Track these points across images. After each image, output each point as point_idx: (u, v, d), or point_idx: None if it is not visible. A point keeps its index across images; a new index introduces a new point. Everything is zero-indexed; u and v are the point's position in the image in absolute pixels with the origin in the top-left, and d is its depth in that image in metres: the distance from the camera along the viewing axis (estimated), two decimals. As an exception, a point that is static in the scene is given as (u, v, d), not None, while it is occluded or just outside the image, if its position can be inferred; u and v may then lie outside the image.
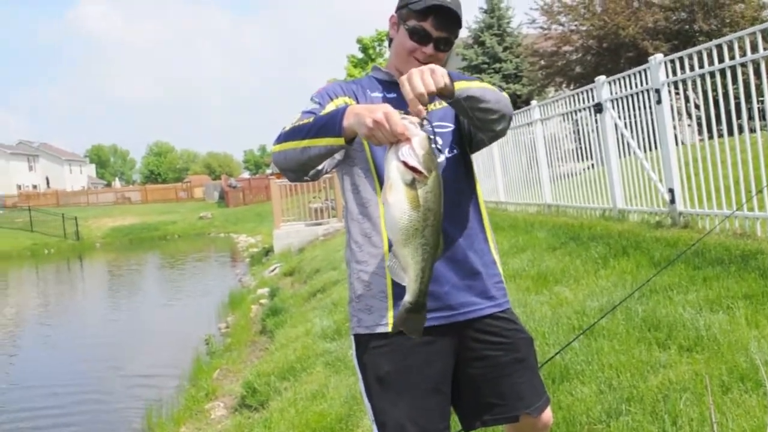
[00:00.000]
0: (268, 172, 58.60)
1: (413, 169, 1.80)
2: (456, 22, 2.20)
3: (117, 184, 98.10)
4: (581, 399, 3.56)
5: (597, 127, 8.71)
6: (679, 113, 7.45)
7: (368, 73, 2.45)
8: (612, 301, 4.82)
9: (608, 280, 5.49)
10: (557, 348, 4.25)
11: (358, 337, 2.20)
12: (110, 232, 46.56)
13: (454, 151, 2.24)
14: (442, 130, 2.21)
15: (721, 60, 6.03)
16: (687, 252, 5.21)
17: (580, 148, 9.51)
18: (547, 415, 2.25)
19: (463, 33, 2.28)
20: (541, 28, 21.34)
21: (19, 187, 69.45)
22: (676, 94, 7.17)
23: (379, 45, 34.11)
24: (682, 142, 7.12)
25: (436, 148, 1.99)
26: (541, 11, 20.39)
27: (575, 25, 19.94)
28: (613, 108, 8.16)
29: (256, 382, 6.60)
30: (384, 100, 2.20)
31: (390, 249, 2.01)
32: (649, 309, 4.45)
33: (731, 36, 5.92)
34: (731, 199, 5.99)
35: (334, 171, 2.28)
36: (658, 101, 6.98)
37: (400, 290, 2.05)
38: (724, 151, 6.23)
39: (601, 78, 8.42)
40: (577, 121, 9.73)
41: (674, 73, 6.77)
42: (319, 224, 18.98)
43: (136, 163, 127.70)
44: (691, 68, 6.48)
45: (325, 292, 9.98)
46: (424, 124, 1.85)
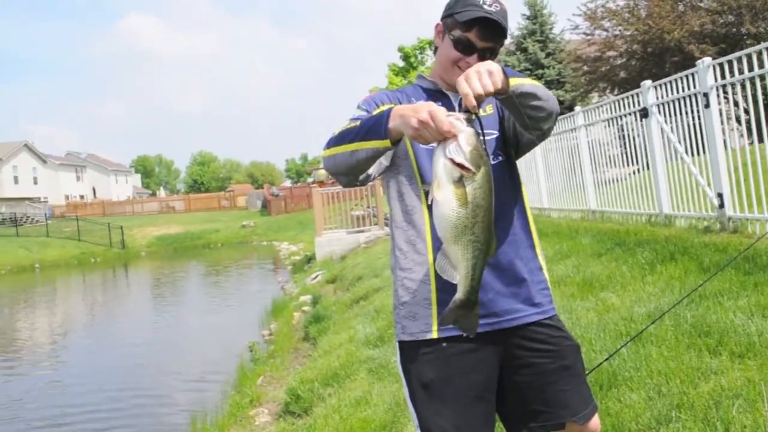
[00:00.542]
0: (310, 180, 58.96)
1: (460, 166, 1.79)
2: (501, 34, 2.19)
3: (161, 193, 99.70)
4: (630, 405, 3.50)
5: (642, 132, 8.59)
6: (728, 117, 7.31)
7: (412, 82, 2.45)
8: (660, 308, 4.74)
9: (656, 286, 5.40)
10: (604, 354, 4.19)
11: (403, 344, 2.20)
12: (155, 240, 47.36)
13: (499, 158, 2.23)
14: (487, 138, 2.20)
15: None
16: (738, 258, 5.10)
17: (625, 154, 9.38)
18: (595, 423, 2.21)
19: (506, 40, 2.26)
20: (585, 33, 21.16)
21: (67, 197, 70.89)
22: (725, 97, 7.03)
23: (421, 53, 34.10)
24: (731, 147, 6.99)
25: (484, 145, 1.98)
26: (585, 17, 20.22)
27: (619, 30, 19.71)
28: (659, 113, 8.04)
29: (300, 389, 6.61)
30: None
31: (435, 256, 2.03)
32: (698, 315, 4.36)
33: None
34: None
35: (381, 177, 2.29)
36: (707, 105, 6.85)
37: (444, 297, 2.07)
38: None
39: (647, 83, 8.29)
40: (622, 126, 9.62)
41: (723, 77, 6.65)
42: (361, 232, 19.00)
43: (181, 173, 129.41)
44: (740, 71, 6.36)
45: (368, 299, 9.98)
46: (471, 120, 1.84)
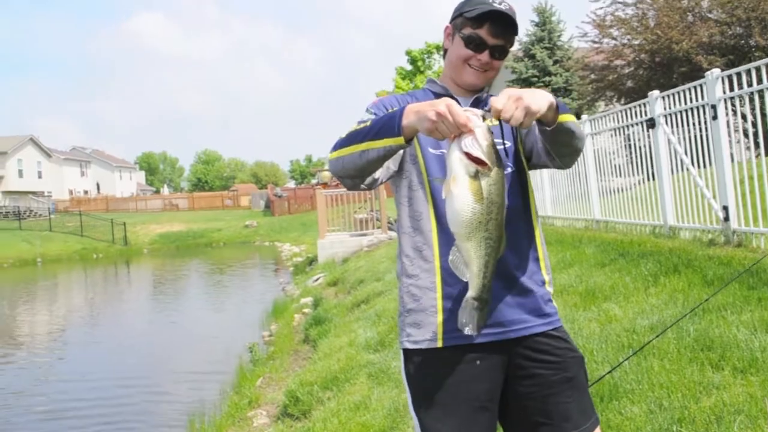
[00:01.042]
0: (314, 182, 58.96)
1: (477, 161, 1.78)
2: (512, 30, 2.17)
3: (165, 191, 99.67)
4: (631, 418, 3.48)
5: (649, 143, 8.56)
6: (735, 129, 7.28)
7: (419, 86, 2.43)
8: (663, 320, 4.71)
9: (659, 298, 5.37)
10: (605, 365, 4.18)
11: (407, 352, 2.18)
12: (157, 238, 47.37)
13: (509, 169, 2.19)
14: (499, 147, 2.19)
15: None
16: (742, 271, 5.07)
17: (631, 163, 9.36)
18: None
19: (514, 46, 2.26)
20: (593, 41, 21.11)
21: (71, 192, 71.03)
22: (732, 109, 7.00)
23: (428, 57, 34.16)
24: (737, 160, 6.96)
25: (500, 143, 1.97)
26: (593, 24, 20.17)
27: (628, 39, 19.65)
28: (667, 123, 8.02)
29: (299, 391, 6.59)
30: None
31: (442, 263, 2.05)
32: (701, 328, 4.34)
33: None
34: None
35: (388, 182, 2.27)
36: (714, 117, 6.83)
37: (450, 305, 2.06)
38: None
39: (655, 93, 8.28)
40: (628, 136, 9.59)
41: (731, 89, 6.63)
42: (364, 235, 18.98)
43: (185, 171, 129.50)
44: (749, 84, 6.34)
45: (369, 303, 9.95)
46: (486, 117, 1.83)
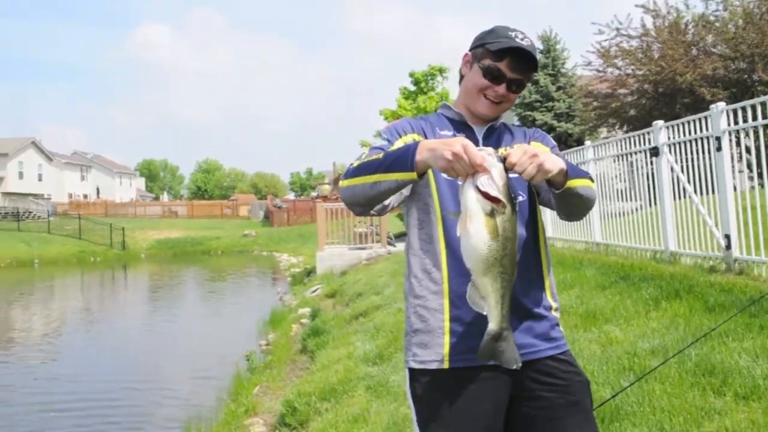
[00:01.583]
0: (314, 194, 58.98)
1: (493, 199, 1.84)
2: (531, 66, 2.24)
3: (165, 198, 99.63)
4: (632, 439, 3.52)
5: (652, 170, 8.65)
6: (738, 160, 7.38)
7: (421, 106, 2.48)
8: (664, 344, 4.76)
9: (660, 323, 5.42)
10: (606, 387, 4.22)
11: (413, 372, 2.20)
12: (155, 244, 47.32)
13: (522, 197, 2.26)
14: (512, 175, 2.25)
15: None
16: (749, 302, 5.13)
17: (632, 189, 9.45)
18: None
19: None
20: (597, 70, 21.27)
21: (71, 196, 70.89)
22: (736, 141, 7.11)
23: (431, 79, 34.34)
24: (741, 190, 7.05)
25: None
26: (598, 54, 20.33)
27: (632, 69, 19.82)
28: (670, 152, 8.12)
29: (297, 402, 6.58)
30: None
31: (450, 285, 2.11)
32: (703, 354, 4.39)
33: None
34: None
35: (400, 207, 2.32)
36: (719, 148, 6.93)
37: (457, 328, 2.10)
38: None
39: (659, 123, 8.41)
40: (631, 162, 9.69)
41: (735, 122, 6.74)
42: (363, 249, 19.04)
43: (185, 179, 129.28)
44: (754, 118, 6.45)
45: (368, 317, 9.97)
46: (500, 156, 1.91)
